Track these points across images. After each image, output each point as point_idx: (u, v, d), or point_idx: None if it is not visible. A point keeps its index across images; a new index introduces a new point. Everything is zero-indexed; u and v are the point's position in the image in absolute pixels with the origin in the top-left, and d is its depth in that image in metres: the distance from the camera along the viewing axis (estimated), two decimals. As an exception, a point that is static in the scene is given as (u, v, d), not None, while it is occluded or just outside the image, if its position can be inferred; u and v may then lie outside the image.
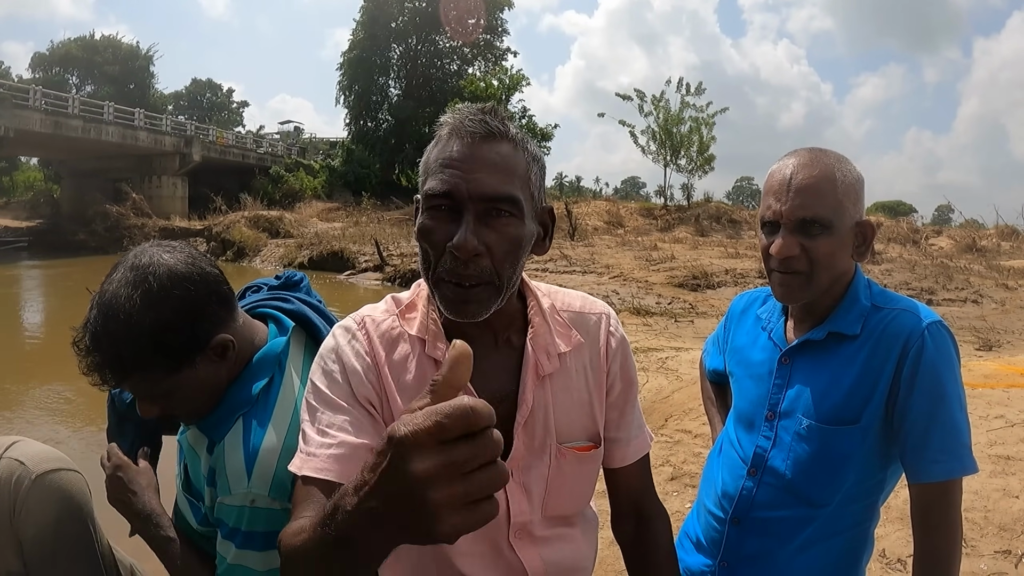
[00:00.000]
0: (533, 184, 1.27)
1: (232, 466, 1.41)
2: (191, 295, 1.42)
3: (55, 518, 1.59)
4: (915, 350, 1.56)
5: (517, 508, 1.36)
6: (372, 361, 1.32)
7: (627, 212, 39.22)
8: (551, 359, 1.37)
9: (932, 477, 1.55)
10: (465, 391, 1.24)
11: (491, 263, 1.21)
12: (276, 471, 1.40)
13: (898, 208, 56.24)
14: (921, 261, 19.22)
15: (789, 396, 1.71)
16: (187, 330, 1.42)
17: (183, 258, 1.46)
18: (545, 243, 1.35)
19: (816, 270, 1.64)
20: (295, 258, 26.90)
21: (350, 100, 51.54)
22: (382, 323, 1.37)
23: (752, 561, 1.76)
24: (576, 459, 1.41)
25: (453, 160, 1.20)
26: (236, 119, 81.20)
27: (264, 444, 1.42)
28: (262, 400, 1.49)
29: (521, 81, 41.97)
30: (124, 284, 1.40)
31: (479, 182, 1.19)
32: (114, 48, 65.52)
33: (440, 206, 1.21)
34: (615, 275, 19.06)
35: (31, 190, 58.03)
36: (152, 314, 1.38)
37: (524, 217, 1.24)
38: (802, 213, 1.61)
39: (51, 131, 34.16)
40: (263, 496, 1.39)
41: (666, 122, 37.91)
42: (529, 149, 1.28)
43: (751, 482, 1.75)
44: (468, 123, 1.22)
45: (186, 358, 1.43)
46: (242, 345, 1.52)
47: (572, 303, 1.48)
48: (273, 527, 1.36)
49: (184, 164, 40.73)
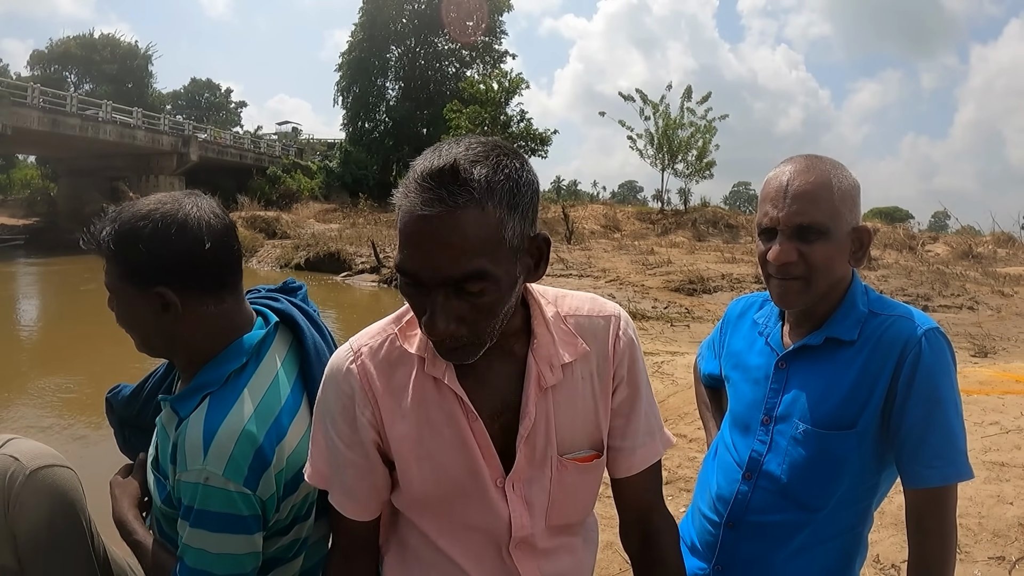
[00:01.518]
0: (509, 238, 1.14)
1: (191, 442, 1.44)
2: (168, 241, 1.50)
3: (48, 514, 1.62)
4: (912, 357, 1.56)
5: (519, 523, 1.35)
6: (368, 395, 1.33)
7: (624, 216, 39.21)
8: (554, 370, 1.33)
9: (928, 483, 1.55)
10: (471, 412, 1.28)
11: (467, 331, 1.17)
12: (232, 453, 1.42)
13: (895, 214, 56.22)
14: (917, 267, 19.23)
15: (786, 400, 1.71)
16: (145, 257, 1.49)
17: (205, 217, 1.56)
18: (538, 271, 1.25)
19: (814, 275, 1.64)
20: (292, 259, 26.86)
21: (348, 101, 51.54)
22: (379, 348, 1.36)
23: (747, 565, 1.75)
24: (578, 470, 1.39)
25: (410, 239, 1.12)
26: (234, 119, 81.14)
27: (223, 425, 1.44)
28: (232, 383, 1.52)
29: (520, 84, 41.94)
30: (158, 198, 1.58)
31: (439, 265, 1.11)
32: (112, 47, 65.28)
33: (408, 282, 1.16)
34: (612, 279, 19.06)
35: (28, 188, 57.86)
36: (138, 225, 1.50)
37: (499, 282, 1.15)
38: (799, 219, 1.61)
39: (49, 129, 34.17)
40: (217, 475, 1.41)
41: (666, 127, 37.91)
42: (501, 199, 1.13)
43: (746, 486, 1.75)
44: (421, 202, 1.10)
45: (132, 278, 1.52)
46: (219, 329, 1.58)
47: (580, 307, 1.42)
48: (227, 509, 1.41)
49: (181, 164, 40.77)
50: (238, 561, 1.45)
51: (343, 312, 17.10)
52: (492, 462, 1.32)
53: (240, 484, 1.41)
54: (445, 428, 1.31)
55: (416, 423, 1.32)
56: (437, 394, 1.31)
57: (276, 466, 1.47)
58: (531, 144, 41.84)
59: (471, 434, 1.31)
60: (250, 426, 1.45)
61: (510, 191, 1.14)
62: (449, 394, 1.30)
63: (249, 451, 1.43)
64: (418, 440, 1.32)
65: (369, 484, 1.38)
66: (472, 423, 1.30)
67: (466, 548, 1.37)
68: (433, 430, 1.32)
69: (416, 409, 1.32)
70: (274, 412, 1.51)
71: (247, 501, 1.43)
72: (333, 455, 1.37)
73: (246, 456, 1.43)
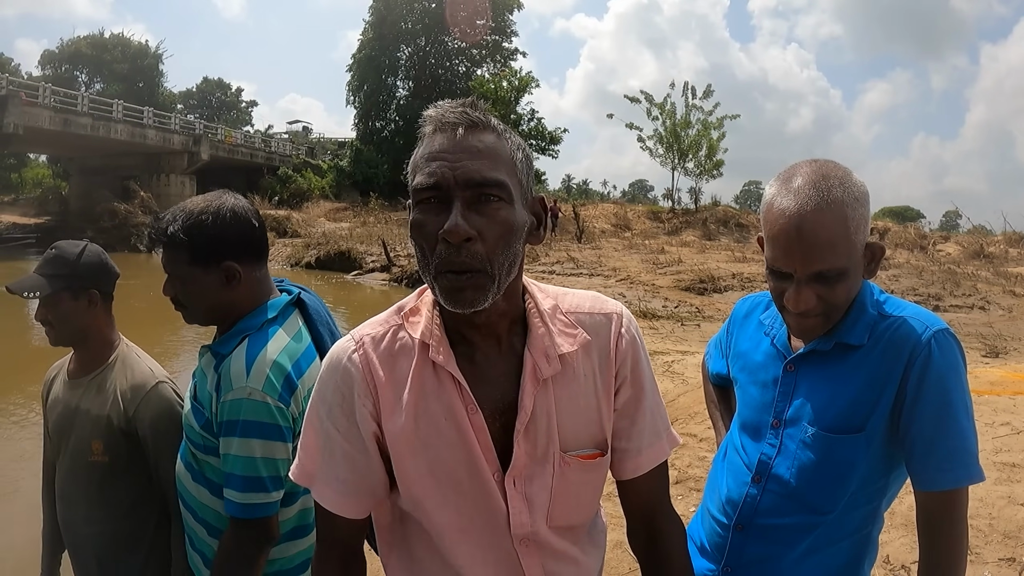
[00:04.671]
0: (520, 171, 1.27)
1: (235, 369, 1.83)
2: (228, 225, 1.92)
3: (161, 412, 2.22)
4: (922, 359, 1.55)
5: (517, 520, 1.33)
6: (370, 386, 1.33)
7: (634, 215, 39.22)
8: (551, 361, 1.32)
9: (938, 486, 1.54)
10: (471, 402, 1.28)
11: (483, 249, 1.20)
12: (268, 375, 1.81)
13: (905, 213, 55.82)
14: (928, 267, 19.16)
15: (795, 404, 1.71)
16: (213, 241, 1.90)
17: (244, 205, 2.00)
18: (540, 232, 1.34)
19: (833, 312, 1.62)
20: (302, 257, 26.96)
21: (359, 100, 51.65)
22: (381, 338, 1.36)
23: (755, 567, 1.75)
24: (581, 468, 1.37)
25: (438, 153, 1.21)
26: (245, 118, 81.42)
27: (261, 355, 1.84)
28: (265, 329, 1.92)
29: (530, 83, 41.98)
30: (203, 197, 1.99)
31: (465, 169, 1.19)
32: (123, 46, 65.42)
33: (430, 199, 1.21)
34: (622, 278, 19.06)
35: (39, 187, 57.84)
36: (200, 218, 1.91)
37: (514, 202, 1.24)
38: (819, 267, 1.56)
39: (60, 128, 34.36)
40: (257, 390, 1.79)
41: (673, 126, 37.86)
42: (513, 138, 1.29)
43: (755, 489, 1.74)
44: (449, 115, 1.24)
45: (202, 260, 1.90)
46: (258, 292, 1.99)
47: (581, 304, 1.42)
48: (267, 419, 1.79)
49: (192, 163, 40.89)
50: (276, 465, 1.81)
51: (353, 310, 17.13)
52: (490, 456, 1.31)
53: (276, 399, 1.80)
54: (443, 421, 1.30)
55: (414, 415, 1.31)
56: (437, 385, 1.30)
57: (301, 392, 1.84)
58: (541, 143, 41.86)
59: (470, 427, 1.29)
60: (280, 358, 1.85)
61: (518, 140, 1.31)
62: (449, 384, 1.29)
63: (280, 375, 1.82)
64: (415, 433, 1.31)
65: (363, 478, 1.35)
66: (472, 415, 1.29)
67: (468, 548, 1.36)
68: (431, 422, 1.30)
69: (415, 401, 1.30)
70: (298, 352, 1.91)
71: (282, 413, 1.80)
72: (327, 449, 1.35)
73: (279, 378, 1.81)
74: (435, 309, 1.34)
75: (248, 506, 1.79)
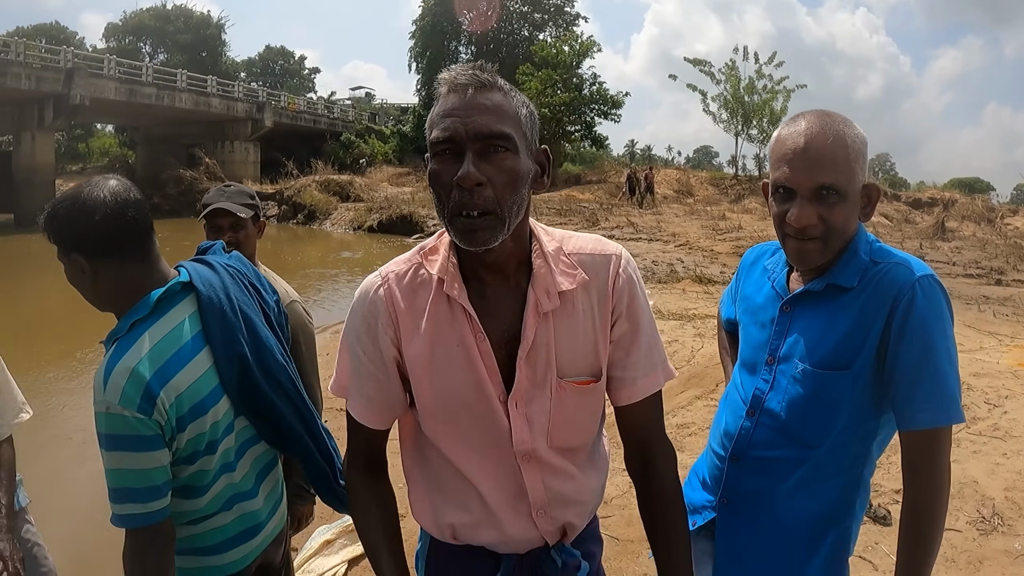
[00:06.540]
0: (525, 125, 1.42)
1: (96, 381, 1.76)
2: (75, 217, 1.79)
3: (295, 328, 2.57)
4: (905, 302, 1.63)
5: (519, 436, 1.50)
6: (392, 316, 1.52)
7: (697, 181, 38.68)
8: (551, 297, 1.47)
9: (919, 424, 1.62)
10: (479, 331, 1.46)
11: (493, 193, 1.35)
12: (124, 387, 1.71)
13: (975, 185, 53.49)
14: (993, 240, 18.63)
15: (788, 342, 1.80)
16: (60, 232, 1.81)
17: (105, 195, 1.82)
18: (543, 180, 1.49)
19: (831, 236, 1.71)
20: (365, 221, 27.28)
21: (422, 66, 51.69)
22: (404, 274, 1.54)
23: (750, 498, 1.86)
24: (576, 392, 1.52)
25: (451, 110, 1.37)
26: (308, 85, 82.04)
27: (118, 365, 1.74)
28: (134, 331, 1.80)
29: (591, 47, 41.54)
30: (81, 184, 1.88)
31: (475, 124, 1.35)
32: (186, 17, 66.42)
33: (445, 151, 1.37)
34: (681, 243, 18.96)
35: (106, 156, 58.49)
36: (56, 207, 1.83)
37: (519, 152, 1.39)
38: (820, 180, 1.67)
39: (125, 99, 35.36)
40: (114, 404, 1.71)
41: (736, 91, 37.18)
42: (519, 96, 1.44)
43: (749, 422, 1.85)
44: (461, 77, 1.38)
45: (60, 251, 1.83)
46: (131, 286, 1.86)
47: (584, 246, 1.56)
48: (129, 432, 1.72)
49: (256, 130, 41.48)
50: (148, 475, 1.74)
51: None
52: (495, 379, 1.48)
53: (133, 411, 1.71)
54: (455, 347, 1.48)
55: (430, 342, 1.49)
56: (450, 315, 1.48)
57: (165, 400, 1.75)
58: (603, 107, 41.47)
59: (478, 353, 1.47)
60: (140, 366, 1.73)
61: (523, 98, 1.46)
62: (461, 315, 1.47)
63: (138, 387, 1.71)
64: (431, 358, 1.49)
65: (386, 396, 1.56)
66: (480, 343, 1.46)
67: (477, 460, 1.54)
68: (445, 348, 1.48)
69: (431, 329, 1.48)
70: (166, 355, 1.80)
71: (143, 423, 1.72)
72: (356, 368, 1.56)
73: (136, 390, 1.71)
74: (451, 249, 1.50)
75: (126, 516, 1.75)
